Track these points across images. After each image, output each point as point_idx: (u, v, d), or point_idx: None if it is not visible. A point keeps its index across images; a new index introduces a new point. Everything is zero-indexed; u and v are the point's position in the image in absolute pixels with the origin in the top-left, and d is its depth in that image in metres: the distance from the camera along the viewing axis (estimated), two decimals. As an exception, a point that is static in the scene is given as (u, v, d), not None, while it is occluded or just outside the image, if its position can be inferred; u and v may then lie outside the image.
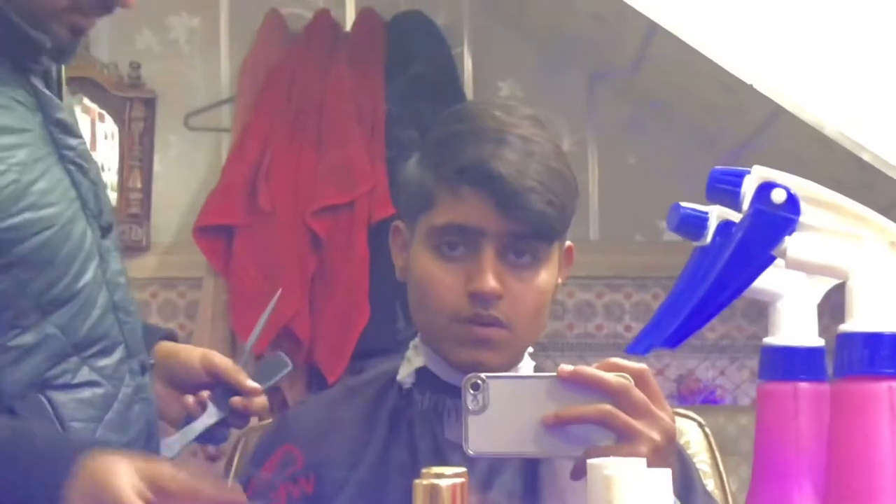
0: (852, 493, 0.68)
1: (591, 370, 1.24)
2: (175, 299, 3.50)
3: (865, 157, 2.74)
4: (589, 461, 0.88)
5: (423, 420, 1.49)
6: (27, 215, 1.30)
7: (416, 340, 1.53)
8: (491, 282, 1.40)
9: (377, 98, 3.33)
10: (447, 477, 0.76)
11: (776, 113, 2.84)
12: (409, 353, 1.53)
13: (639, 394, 1.23)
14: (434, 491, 0.73)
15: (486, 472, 1.44)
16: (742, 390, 3.54)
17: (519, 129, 1.44)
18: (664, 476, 0.72)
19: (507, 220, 1.40)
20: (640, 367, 1.24)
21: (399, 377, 1.52)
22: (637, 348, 0.81)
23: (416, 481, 0.74)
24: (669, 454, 1.25)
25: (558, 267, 1.49)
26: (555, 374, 1.23)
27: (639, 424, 1.22)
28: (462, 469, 0.79)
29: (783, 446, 0.83)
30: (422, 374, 1.51)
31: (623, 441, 1.22)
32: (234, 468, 1.75)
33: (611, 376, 1.23)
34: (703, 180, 2.22)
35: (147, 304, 3.47)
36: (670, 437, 1.25)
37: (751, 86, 2.76)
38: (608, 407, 1.22)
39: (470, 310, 1.41)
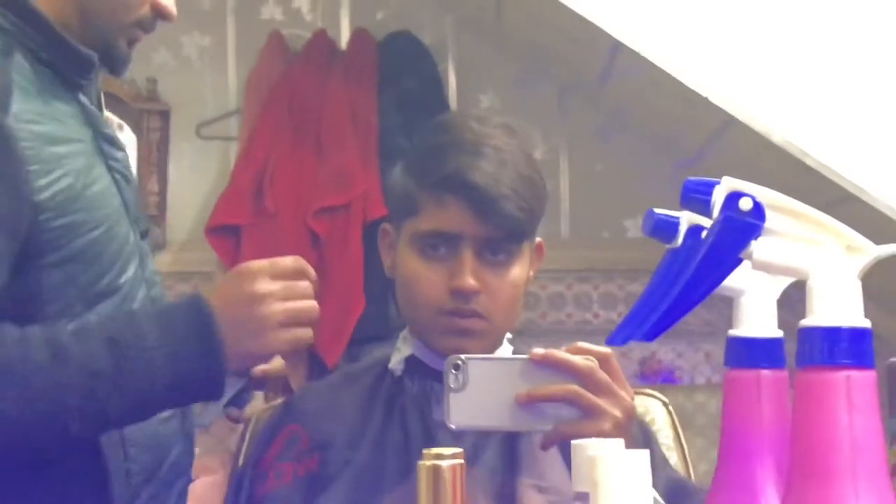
0: (813, 472, 0.68)
1: (561, 353, 1.25)
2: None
3: (809, 162, 2.74)
4: (573, 442, 0.88)
5: (414, 403, 1.49)
6: (82, 215, 1.31)
7: (405, 332, 1.54)
8: (470, 280, 1.42)
9: (370, 109, 3.33)
10: (447, 458, 0.75)
11: (729, 122, 2.85)
12: (399, 343, 1.54)
13: (603, 375, 1.25)
14: (436, 472, 0.72)
15: (470, 449, 1.44)
16: (698, 371, 3.55)
17: (493, 140, 1.45)
18: (643, 456, 0.72)
19: (483, 224, 1.42)
20: (604, 350, 1.26)
21: (391, 365, 1.53)
22: (616, 340, 0.81)
23: (420, 463, 0.74)
24: (629, 429, 1.27)
25: (529, 262, 1.51)
26: (528, 356, 1.25)
27: (602, 402, 1.24)
28: (458, 449, 0.78)
29: (748, 428, 0.83)
30: (411, 362, 1.52)
31: (588, 417, 1.23)
32: (244, 447, 1.75)
33: (578, 359, 1.25)
34: (663, 184, 2.22)
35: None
36: (630, 414, 1.27)
37: (706, 98, 2.77)
38: (575, 387, 1.24)
39: (452, 304, 1.43)
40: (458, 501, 0.73)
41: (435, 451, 0.78)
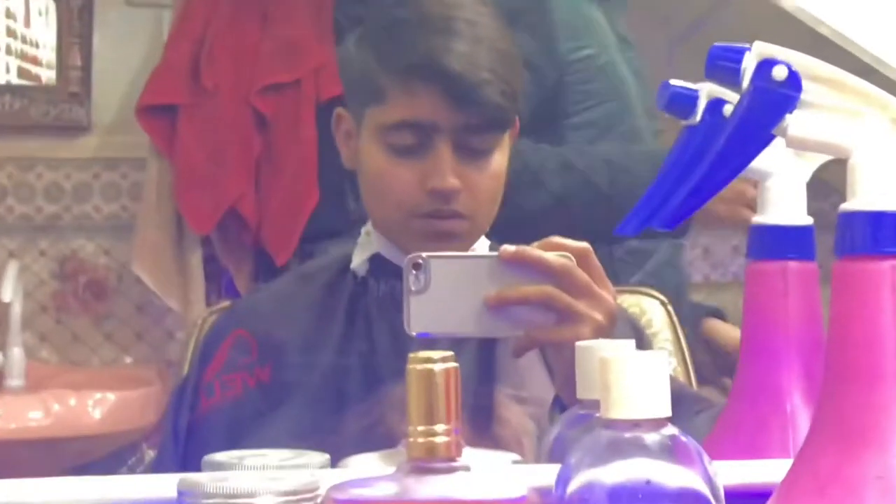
0: (854, 373, 0.69)
1: (533, 250, 1.25)
2: (118, 180, 3.46)
3: (823, 30, 2.74)
4: (577, 344, 0.89)
5: (380, 307, 1.49)
6: (600, 85, 1.95)
7: (368, 227, 1.52)
8: (450, 179, 1.40)
9: (324, -31, 3.28)
10: (437, 361, 0.75)
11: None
12: (362, 239, 1.53)
13: (581, 274, 1.24)
14: (429, 376, 0.72)
15: (444, 358, 1.45)
16: (694, 267, 3.56)
17: (464, 12, 1.43)
18: (661, 359, 0.72)
19: (462, 114, 1.40)
20: (582, 245, 1.25)
21: (353, 265, 1.52)
22: (626, 228, 0.81)
23: (410, 367, 0.74)
24: (611, 334, 1.27)
25: (508, 146, 1.49)
26: (496, 254, 1.24)
27: (581, 305, 1.24)
28: (449, 353, 0.78)
29: (773, 326, 0.84)
30: (376, 261, 1.51)
31: (565, 321, 1.23)
32: (189, 352, 1.75)
33: (553, 256, 1.24)
34: (658, 57, 2.22)
35: (89, 186, 3.44)
36: (612, 317, 1.27)
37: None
38: (550, 288, 1.23)
39: (430, 206, 1.42)
40: (452, 408, 0.73)
41: (423, 354, 0.78)
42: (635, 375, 0.72)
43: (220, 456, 0.92)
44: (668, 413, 0.73)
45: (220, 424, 1.48)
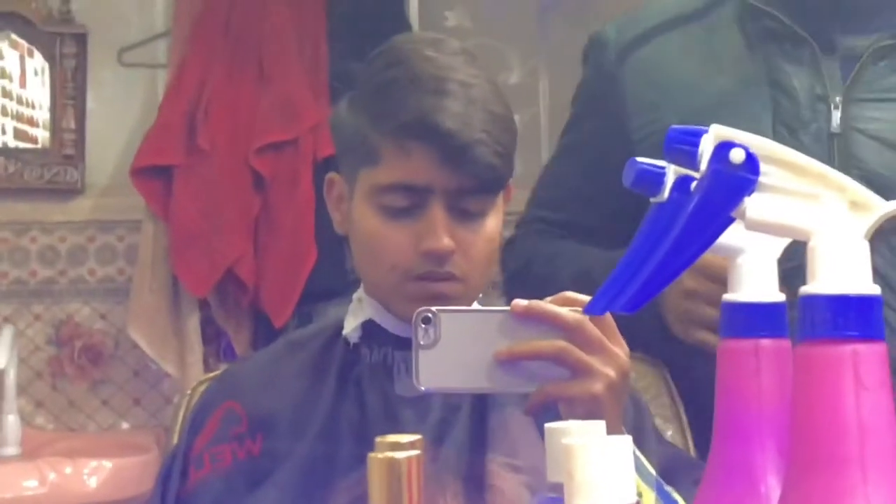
0: (816, 459, 0.69)
1: (546, 305, 1.25)
2: (114, 243, 3.48)
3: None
4: (547, 426, 0.89)
5: (372, 375, 1.49)
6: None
7: (360, 293, 1.52)
8: (444, 240, 1.40)
9: (319, 30, 3.31)
10: (403, 447, 0.76)
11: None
12: (353, 306, 1.53)
13: (593, 329, 1.25)
14: (391, 465, 0.73)
15: (437, 426, 1.45)
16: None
17: (457, 73, 1.43)
18: (626, 443, 0.73)
19: (455, 175, 1.40)
20: None
21: (345, 332, 1.52)
22: (594, 309, 0.82)
23: (371, 455, 0.74)
24: (624, 390, 1.27)
25: (502, 209, 1.50)
26: (508, 308, 1.24)
27: (593, 360, 1.24)
28: (417, 437, 0.79)
29: (745, 405, 0.84)
30: (368, 327, 1.51)
31: (577, 377, 1.24)
32: (178, 423, 1.75)
33: (565, 311, 1.24)
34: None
35: (84, 249, 3.46)
36: (625, 372, 1.27)
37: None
38: (562, 343, 1.23)
39: (423, 267, 1.42)
40: (414, 499, 0.73)
41: (391, 438, 0.78)
42: (599, 463, 0.72)
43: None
44: (633, 499, 0.74)
45: (210, 497, 1.47)
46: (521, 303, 1.25)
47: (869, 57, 1.71)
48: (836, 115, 1.69)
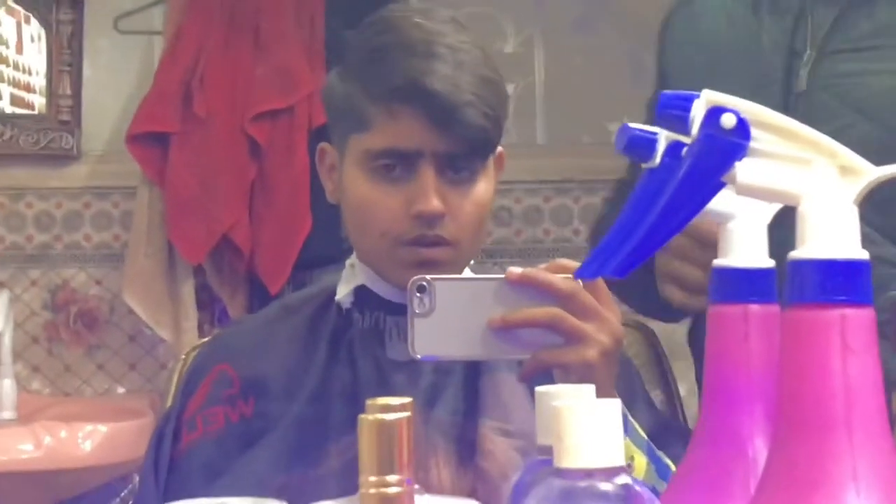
0: (802, 423, 0.69)
1: (540, 272, 1.25)
2: (109, 209, 3.47)
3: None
4: (538, 389, 0.89)
5: (364, 340, 1.49)
6: None
7: (353, 259, 1.53)
8: (434, 202, 1.41)
9: (316, -2, 3.30)
10: (394, 409, 0.76)
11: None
12: (346, 271, 1.54)
13: (587, 296, 1.25)
14: (381, 427, 0.73)
15: (429, 390, 1.45)
16: (692, 294, 3.57)
17: (446, 38, 1.44)
18: (614, 407, 0.73)
19: (445, 138, 1.41)
20: None
21: (337, 297, 1.53)
22: (585, 273, 0.81)
23: (362, 416, 0.74)
24: (617, 356, 1.28)
25: (493, 175, 1.50)
26: (502, 276, 1.24)
27: (587, 327, 1.24)
28: (407, 399, 0.79)
29: (733, 370, 0.84)
30: (361, 292, 1.51)
31: (571, 344, 1.24)
32: (172, 388, 1.75)
33: (559, 278, 1.25)
34: (651, 80, 2.21)
35: (80, 215, 3.45)
36: (618, 339, 1.27)
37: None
38: (556, 310, 1.24)
39: (414, 231, 1.42)
40: (404, 460, 0.73)
41: (381, 401, 0.78)
42: (588, 424, 0.73)
43: (179, 504, 0.93)
44: (622, 462, 0.74)
45: (202, 459, 1.48)
46: (515, 270, 1.25)
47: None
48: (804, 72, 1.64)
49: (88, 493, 3.18)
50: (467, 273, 1.52)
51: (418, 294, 1.24)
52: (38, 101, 3.45)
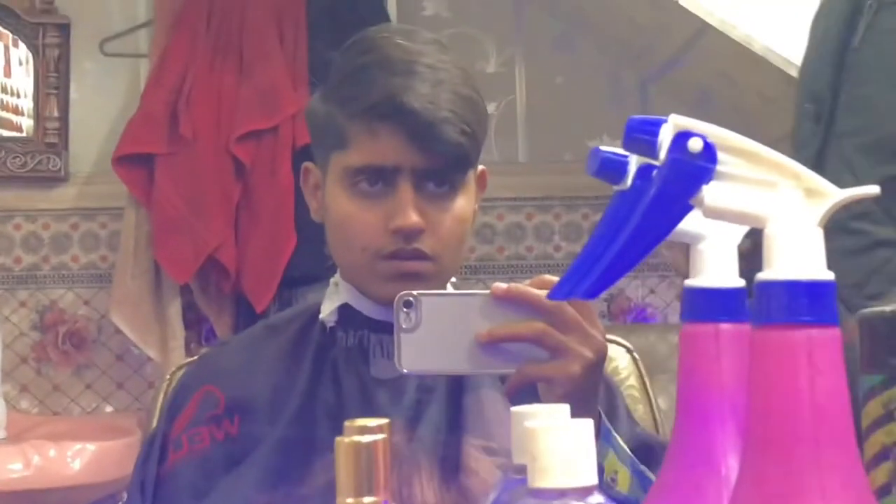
0: (771, 440, 0.69)
1: (525, 288, 1.25)
2: (96, 230, 3.48)
3: (792, 72, 2.76)
4: (513, 409, 0.89)
5: (348, 358, 1.49)
6: None
7: (337, 277, 1.53)
8: (412, 217, 1.41)
9: (298, 18, 3.31)
10: (371, 430, 0.76)
11: (703, 29, 2.85)
12: (330, 290, 1.54)
13: (571, 311, 1.25)
14: (356, 449, 0.73)
15: (413, 408, 1.45)
16: (672, 308, 3.58)
17: (425, 58, 1.44)
18: (587, 427, 0.73)
19: (422, 154, 1.41)
20: None
21: (322, 315, 1.53)
22: (557, 294, 0.82)
23: (338, 438, 0.74)
24: (600, 371, 1.28)
25: (475, 192, 1.50)
26: (488, 292, 1.24)
27: (571, 341, 1.24)
28: (384, 420, 0.79)
29: (706, 388, 0.84)
30: (344, 311, 1.51)
31: (556, 358, 1.24)
32: (158, 407, 1.75)
33: (544, 294, 1.25)
34: (629, 99, 2.22)
35: (68, 236, 3.45)
36: (601, 354, 1.27)
37: (677, 2, 2.77)
38: (541, 324, 1.23)
39: (393, 245, 1.42)
40: (381, 481, 0.73)
41: (359, 422, 0.78)
42: (561, 445, 0.73)
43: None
44: (595, 481, 0.74)
45: (188, 478, 1.48)
46: (500, 286, 1.25)
47: None
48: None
49: (77, 511, 3.19)
50: (451, 289, 1.52)
51: (405, 309, 1.24)
52: (26, 124, 3.45)
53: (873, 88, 1.48)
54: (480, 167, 1.53)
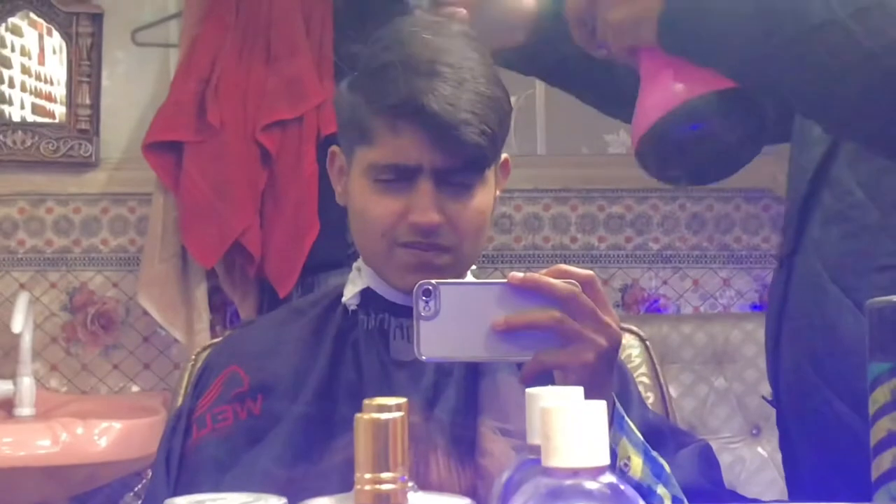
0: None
1: (541, 277, 1.25)
2: (126, 214, 3.48)
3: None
4: (528, 390, 0.89)
5: (369, 339, 1.50)
6: None
7: (360, 262, 1.54)
8: (430, 214, 1.42)
9: (325, 11, 3.31)
10: (390, 409, 0.76)
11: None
12: (353, 274, 1.55)
13: (586, 300, 1.25)
14: (376, 426, 0.73)
15: (430, 390, 1.46)
16: (684, 299, 3.58)
17: (450, 56, 1.44)
18: (600, 408, 0.73)
19: (442, 154, 1.41)
20: (587, 273, 1.26)
21: (344, 299, 1.53)
22: None
23: (358, 415, 0.75)
24: (615, 359, 1.28)
25: (495, 183, 1.50)
26: (505, 280, 1.24)
27: (586, 330, 1.24)
28: (403, 400, 0.79)
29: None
30: (366, 294, 1.52)
31: (571, 345, 1.24)
32: (183, 386, 1.76)
33: (560, 283, 1.24)
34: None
35: (98, 220, 3.46)
36: (616, 342, 1.27)
37: None
38: (557, 312, 1.24)
39: (411, 237, 1.43)
40: (399, 458, 0.74)
41: (377, 401, 0.79)
42: (574, 425, 0.73)
43: (180, 500, 0.93)
44: (607, 461, 0.74)
45: (211, 454, 1.48)
46: (517, 275, 1.25)
47: None
48: None
49: (103, 488, 3.20)
50: (470, 278, 1.52)
51: (424, 298, 1.24)
52: (59, 111, 3.46)
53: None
54: (504, 156, 1.53)
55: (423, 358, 1.24)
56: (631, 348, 1.81)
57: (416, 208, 1.42)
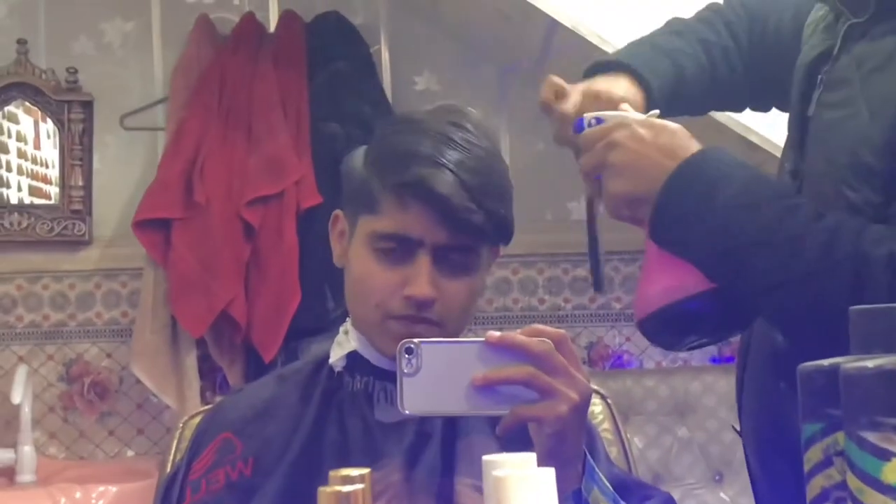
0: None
1: (517, 336, 1.26)
2: (118, 289, 3.48)
3: (753, 138, 2.77)
4: (484, 458, 0.90)
5: (354, 401, 1.50)
6: None
7: (347, 325, 1.54)
8: (426, 289, 1.42)
9: (301, 94, 3.33)
10: (354, 480, 0.76)
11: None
12: (340, 337, 1.54)
13: (559, 357, 1.26)
14: (338, 498, 0.74)
15: (410, 450, 1.46)
16: (647, 355, 3.58)
17: (463, 141, 1.45)
18: (549, 476, 0.74)
19: (447, 233, 1.42)
20: (560, 332, 1.27)
21: (331, 360, 1.53)
22: None
23: (320, 489, 0.75)
24: (585, 411, 1.29)
25: (488, 266, 1.51)
26: (483, 339, 1.25)
27: (559, 384, 1.25)
28: (366, 471, 0.79)
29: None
30: (353, 357, 1.52)
31: (545, 399, 1.25)
32: (172, 453, 1.75)
33: (534, 341, 1.26)
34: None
35: (91, 295, 3.46)
36: (586, 396, 1.28)
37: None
38: (531, 369, 1.25)
39: (404, 310, 1.43)
40: (361, 528, 0.74)
41: (342, 472, 0.79)
42: (524, 493, 0.73)
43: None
44: (557, 526, 0.74)
45: (205, 515, 1.48)
46: (494, 334, 1.26)
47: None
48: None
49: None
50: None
51: (406, 355, 1.25)
52: (54, 192, 3.46)
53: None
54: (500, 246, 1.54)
55: (407, 412, 1.25)
56: (594, 405, 1.81)
57: (413, 282, 1.43)
